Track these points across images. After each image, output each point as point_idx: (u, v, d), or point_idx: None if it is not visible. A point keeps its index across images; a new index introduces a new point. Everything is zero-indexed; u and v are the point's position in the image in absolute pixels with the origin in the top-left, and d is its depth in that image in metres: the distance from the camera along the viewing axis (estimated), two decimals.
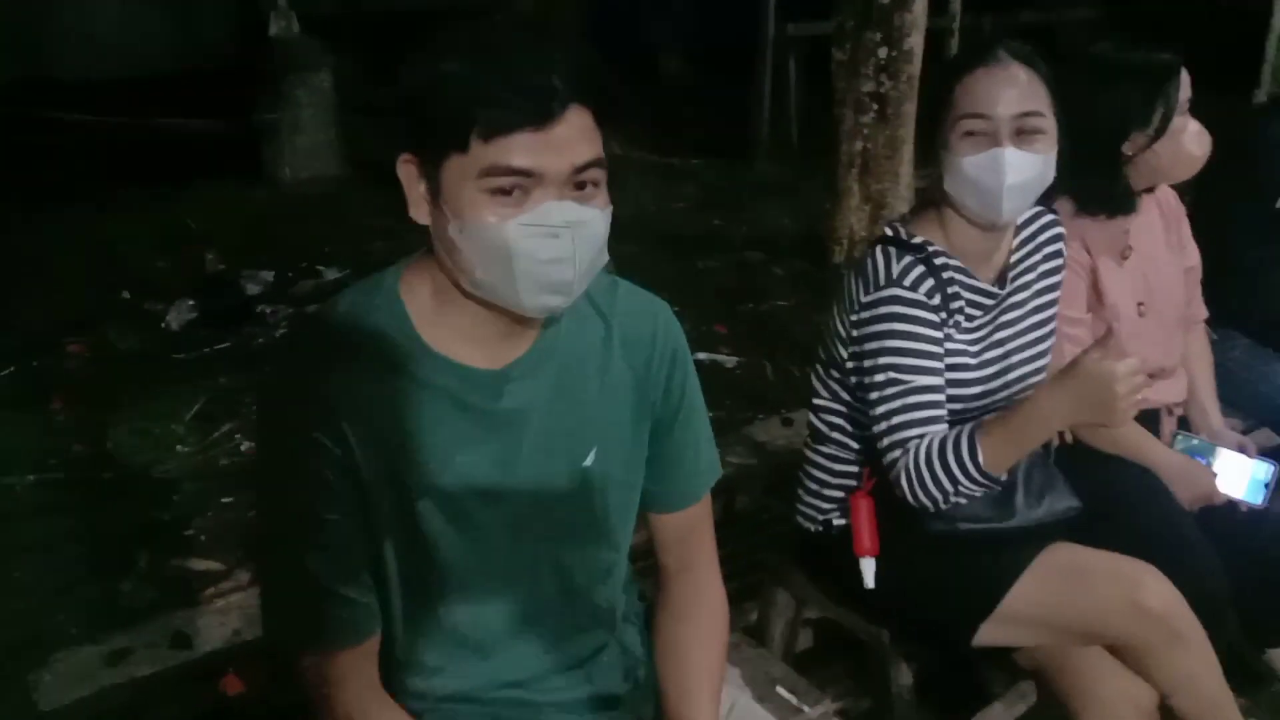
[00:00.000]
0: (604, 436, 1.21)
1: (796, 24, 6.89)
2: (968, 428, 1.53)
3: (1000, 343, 1.70)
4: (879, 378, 1.58)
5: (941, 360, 1.59)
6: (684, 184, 6.61)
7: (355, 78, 6.71)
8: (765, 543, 2.35)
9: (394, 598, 1.16)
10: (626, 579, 1.35)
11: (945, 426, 1.56)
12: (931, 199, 1.70)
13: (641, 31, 9.03)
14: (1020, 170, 1.54)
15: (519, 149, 1.00)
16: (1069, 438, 1.91)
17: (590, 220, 1.05)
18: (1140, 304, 1.96)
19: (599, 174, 1.05)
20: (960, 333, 1.65)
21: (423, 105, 1.04)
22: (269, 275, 4.67)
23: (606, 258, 1.10)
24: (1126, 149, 1.89)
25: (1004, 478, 1.53)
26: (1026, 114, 1.54)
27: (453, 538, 1.14)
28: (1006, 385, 1.70)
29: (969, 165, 1.55)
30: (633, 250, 5.22)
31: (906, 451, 1.54)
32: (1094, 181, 1.83)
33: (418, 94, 1.04)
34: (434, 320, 1.12)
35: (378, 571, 1.14)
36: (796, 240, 5.38)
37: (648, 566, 1.40)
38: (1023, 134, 1.54)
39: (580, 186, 1.04)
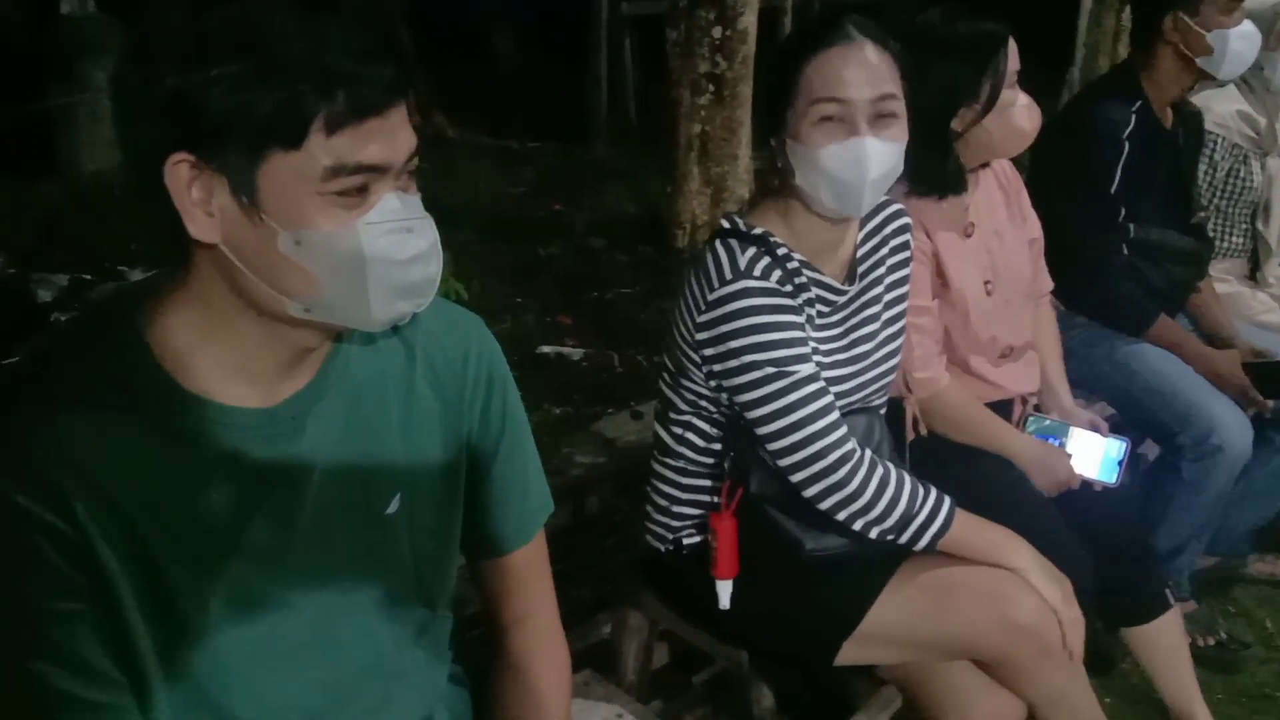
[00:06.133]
0: (410, 479, 1.04)
1: (631, 2, 6.78)
2: (946, 500, 1.49)
3: (857, 343, 1.59)
4: (755, 375, 1.44)
5: (809, 346, 1.47)
6: (521, 168, 6.43)
7: None
8: (617, 546, 2.21)
9: (156, 694, 0.95)
10: (449, 637, 1.18)
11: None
12: (770, 188, 1.57)
13: (471, 7, 8.74)
14: (882, 161, 1.43)
15: (370, 141, 0.86)
16: (923, 430, 1.84)
17: (425, 211, 0.93)
18: (987, 282, 1.89)
19: (416, 161, 0.93)
20: (814, 329, 1.53)
21: (215, 96, 0.82)
22: (64, 279, 4.28)
23: None
24: (955, 125, 1.82)
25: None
26: (883, 97, 1.43)
27: (224, 617, 0.95)
28: (861, 387, 1.60)
29: (826, 157, 1.42)
30: (470, 239, 5.01)
31: (857, 468, 1.44)
32: (925, 161, 1.73)
33: (201, 82, 0.82)
34: (192, 356, 0.92)
35: (132, 665, 0.93)
36: (639, 225, 5.29)
37: (479, 617, 1.23)
38: (880, 119, 1.43)
39: (410, 175, 0.92)
